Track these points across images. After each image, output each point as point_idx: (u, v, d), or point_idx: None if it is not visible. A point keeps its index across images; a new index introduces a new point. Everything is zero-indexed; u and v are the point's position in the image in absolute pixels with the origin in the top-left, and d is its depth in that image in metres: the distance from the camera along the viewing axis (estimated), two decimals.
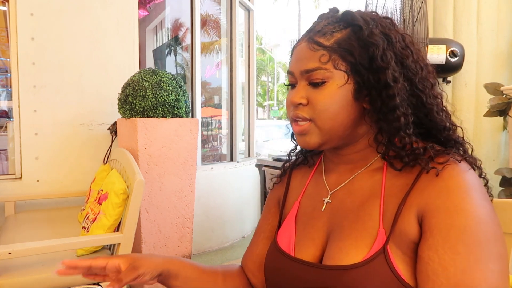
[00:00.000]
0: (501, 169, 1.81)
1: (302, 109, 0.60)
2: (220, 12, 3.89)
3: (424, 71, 0.60)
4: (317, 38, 0.59)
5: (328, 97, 0.58)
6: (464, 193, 0.51)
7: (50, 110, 2.25)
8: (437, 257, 0.49)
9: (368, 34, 0.56)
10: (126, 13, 2.46)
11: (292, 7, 31.95)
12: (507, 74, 2.26)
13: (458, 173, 0.53)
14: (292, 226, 0.67)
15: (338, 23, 0.60)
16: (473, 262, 0.47)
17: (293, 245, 0.64)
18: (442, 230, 0.50)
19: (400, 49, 0.58)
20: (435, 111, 0.60)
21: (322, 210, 0.65)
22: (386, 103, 0.56)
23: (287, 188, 0.76)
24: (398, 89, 0.56)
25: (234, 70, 3.26)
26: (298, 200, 0.71)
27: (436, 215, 0.51)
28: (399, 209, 0.54)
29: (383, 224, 0.55)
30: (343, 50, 0.57)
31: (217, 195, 2.87)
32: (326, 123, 0.59)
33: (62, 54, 2.27)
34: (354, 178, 0.63)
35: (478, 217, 0.49)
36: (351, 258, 0.54)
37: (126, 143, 1.93)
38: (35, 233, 1.71)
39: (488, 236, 0.49)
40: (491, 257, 0.48)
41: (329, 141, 0.61)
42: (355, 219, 0.58)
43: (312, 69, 0.58)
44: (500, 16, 2.22)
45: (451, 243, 0.49)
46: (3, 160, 2.66)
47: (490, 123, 2.21)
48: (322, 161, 0.72)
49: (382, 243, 0.53)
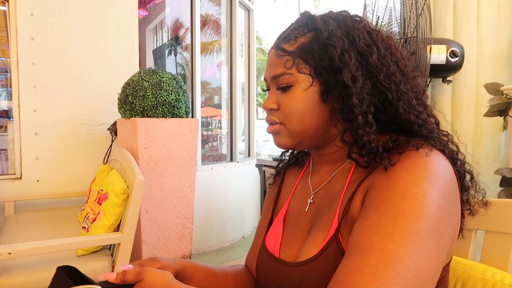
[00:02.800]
0: (501, 169, 1.81)
1: (274, 113, 0.63)
2: (220, 12, 3.89)
3: (393, 67, 0.59)
4: (283, 44, 0.62)
5: (294, 101, 0.60)
6: (403, 172, 0.49)
7: (50, 110, 2.25)
8: (355, 228, 0.49)
9: (327, 36, 0.57)
10: (126, 13, 2.46)
11: (292, 7, 31.96)
12: (507, 74, 2.26)
13: (409, 156, 0.51)
14: (280, 227, 0.69)
15: (303, 27, 0.61)
16: (377, 228, 0.45)
17: (278, 246, 0.66)
18: (367, 203, 0.50)
19: (363, 46, 0.58)
20: (402, 108, 0.58)
21: (306, 210, 0.66)
22: (346, 103, 0.56)
23: (280, 188, 0.78)
24: (357, 88, 0.55)
25: (234, 70, 3.26)
26: (288, 200, 0.72)
27: (370, 192, 0.52)
28: (351, 197, 0.56)
29: (338, 215, 0.56)
30: (305, 54, 0.59)
31: (217, 195, 2.87)
32: (295, 126, 0.61)
33: (62, 54, 2.27)
34: (332, 178, 0.64)
35: (405, 193, 0.47)
36: (310, 252, 0.57)
37: (126, 143, 1.93)
38: (35, 233, 1.71)
39: (408, 212, 0.45)
40: (400, 230, 0.44)
41: (303, 142, 0.63)
42: (323, 215, 0.60)
43: (278, 75, 0.61)
44: (500, 16, 2.22)
45: (366, 213, 0.49)
46: (3, 160, 2.66)
47: (490, 123, 2.21)
48: (310, 163, 0.74)
49: (333, 231, 0.55)
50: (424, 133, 0.59)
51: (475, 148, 2.25)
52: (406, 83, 0.60)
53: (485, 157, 2.24)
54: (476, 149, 2.25)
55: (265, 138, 8.45)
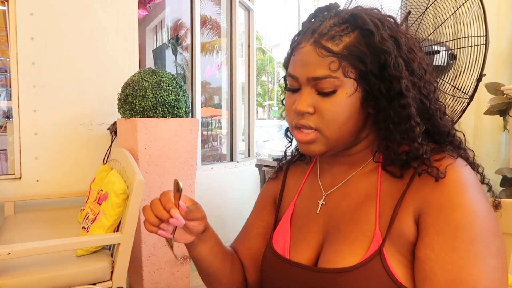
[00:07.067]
0: (501, 169, 1.81)
1: (309, 118, 0.57)
2: (220, 12, 3.89)
3: (428, 74, 0.57)
4: (325, 42, 0.55)
5: (338, 107, 0.55)
6: (460, 189, 0.49)
7: (50, 110, 2.25)
8: (434, 254, 0.48)
9: (379, 40, 0.53)
10: (126, 13, 2.46)
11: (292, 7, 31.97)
12: (507, 74, 2.26)
13: (454, 168, 0.51)
14: (287, 228, 0.66)
15: (345, 24, 0.56)
16: (471, 258, 0.46)
17: (288, 248, 0.63)
18: (437, 227, 0.49)
19: (406, 53, 0.55)
20: (438, 117, 0.57)
21: (317, 212, 0.63)
22: (399, 113, 0.54)
23: (283, 186, 0.75)
24: (411, 98, 0.53)
25: (234, 70, 3.26)
26: (294, 201, 0.69)
27: (432, 213, 0.50)
28: (395, 210, 0.53)
29: (379, 226, 0.54)
30: (353, 57, 0.54)
31: (217, 195, 2.87)
32: (334, 133, 0.56)
33: (62, 54, 2.27)
34: (349, 180, 0.62)
35: (474, 213, 0.48)
36: (347, 261, 0.53)
37: (126, 143, 1.93)
38: (35, 233, 1.71)
39: (484, 231, 0.47)
40: (489, 253, 0.47)
41: (334, 148, 0.59)
42: (351, 221, 0.57)
43: (321, 77, 0.55)
44: (500, 16, 2.22)
45: (447, 240, 0.48)
46: (2, 160, 2.66)
47: (490, 123, 2.20)
48: (317, 161, 0.71)
49: (378, 245, 0.52)
50: (456, 144, 0.59)
51: (475, 148, 2.24)
52: (437, 90, 0.59)
53: (485, 157, 2.24)
54: (476, 149, 2.24)
55: (265, 138, 8.45)
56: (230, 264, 0.71)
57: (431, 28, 1.62)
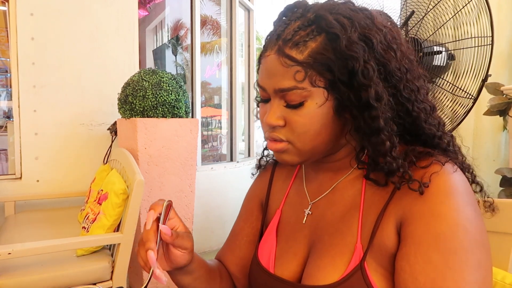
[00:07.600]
0: (501, 169, 1.82)
1: (279, 130, 0.54)
2: (220, 12, 3.89)
3: (409, 73, 0.52)
4: (289, 50, 0.50)
5: (308, 118, 0.51)
6: (443, 197, 0.46)
7: (50, 110, 2.25)
8: (409, 266, 0.45)
9: (346, 45, 0.48)
10: (126, 13, 2.46)
11: None
12: (507, 74, 2.26)
13: (439, 176, 0.48)
14: (273, 238, 0.64)
15: (310, 26, 0.50)
16: (445, 270, 0.43)
17: (273, 261, 0.61)
18: (415, 237, 0.46)
19: (381, 52, 0.50)
20: (422, 119, 0.53)
21: (303, 222, 0.61)
22: (369, 124, 0.50)
23: (269, 189, 0.71)
24: (382, 108, 0.49)
25: (234, 70, 3.26)
26: (280, 208, 0.66)
27: (412, 222, 0.47)
28: (377, 221, 0.51)
29: (360, 238, 0.51)
30: (319, 65, 0.49)
31: (217, 195, 2.87)
32: (307, 145, 0.53)
33: (62, 54, 2.27)
34: (335, 188, 0.59)
35: (455, 223, 0.45)
36: (329, 278, 0.51)
37: (126, 143, 1.93)
38: (35, 233, 1.71)
39: (465, 243, 0.44)
40: (467, 266, 0.43)
41: (311, 158, 0.56)
42: (335, 233, 0.55)
43: (287, 89, 0.50)
44: (500, 16, 2.22)
45: (423, 251, 0.45)
46: (3, 160, 2.66)
47: (490, 123, 2.21)
48: (303, 167, 0.68)
49: (359, 259, 0.50)
50: (443, 146, 0.54)
51: (475, 148, 2.25)
52: (421, 88, 0.53)
53: (485, 157, 2.24)
54: (476, 149, 2.25)
55: None
56: (218, 284, 0.69)
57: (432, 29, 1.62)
